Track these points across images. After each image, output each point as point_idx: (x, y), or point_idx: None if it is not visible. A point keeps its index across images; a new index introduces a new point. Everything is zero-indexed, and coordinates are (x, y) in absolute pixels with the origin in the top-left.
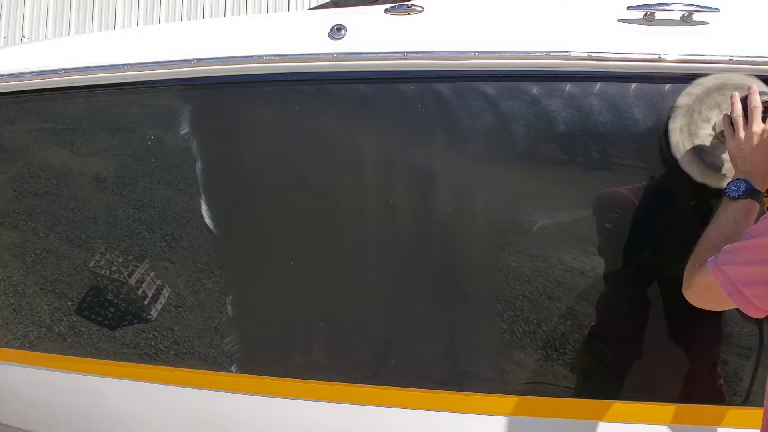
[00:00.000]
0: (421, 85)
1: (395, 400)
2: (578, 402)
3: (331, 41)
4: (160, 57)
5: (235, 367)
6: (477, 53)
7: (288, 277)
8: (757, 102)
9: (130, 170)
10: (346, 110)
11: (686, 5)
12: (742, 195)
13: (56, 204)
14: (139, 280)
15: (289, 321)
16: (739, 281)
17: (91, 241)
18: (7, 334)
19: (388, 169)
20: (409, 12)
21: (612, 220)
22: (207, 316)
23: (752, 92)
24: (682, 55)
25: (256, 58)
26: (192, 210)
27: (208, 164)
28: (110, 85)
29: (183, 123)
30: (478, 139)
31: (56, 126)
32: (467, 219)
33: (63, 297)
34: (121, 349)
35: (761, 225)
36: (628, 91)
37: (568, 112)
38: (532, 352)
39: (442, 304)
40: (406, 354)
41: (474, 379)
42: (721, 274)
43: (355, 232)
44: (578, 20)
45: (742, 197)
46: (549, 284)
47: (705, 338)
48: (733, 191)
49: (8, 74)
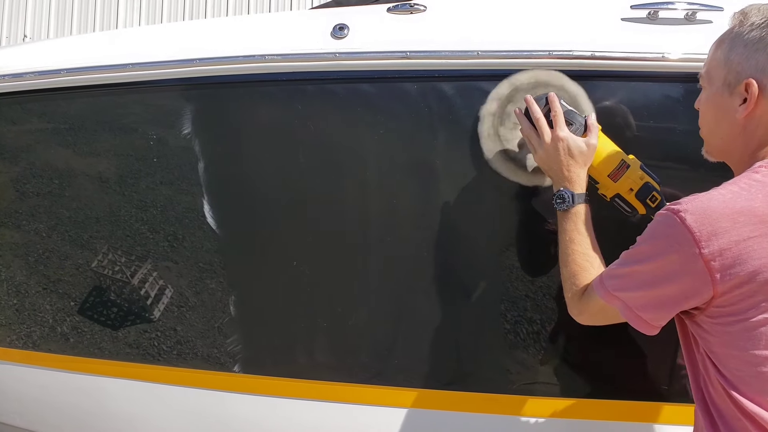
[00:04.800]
0: (424, 85)
1: (396, 400)
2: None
3: (334, 40)
4: (162, 57)
5: (239, 367)
6: (480, 52)
7: (291, 277)
8: (536, 113)
9: (133, 170)
10: (349, 110)
11: (690, 4)
12: (570, 205)
13: (58, 204)
14: (141, 280)
15: (291, 321)
16: (636, 306)
17: (94, 241)
18: (10, 334)
19: (390, 168)
20: (411, 11)
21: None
22: (210, 316)
23: (528, 103)
24: (685, 54)
25: (258, 58)
26: (194, 210)
27: (211, 164)
28: (112, 84)
29: (185, 123)
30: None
31: (58, 126)
32: (469, 219)
33: (66, 297)
34: (124, 349)
35: (645, 248)
36: (631, 90)
37: None
38: (535, 352)
39: (443, 304)
40: (408, 354)
41: (474, 379)
42: (617, 301)
43: (357, 232)
44: (581, 19)
45: (570, 207)
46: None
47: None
48: (560, 205)
49: (10, 74)
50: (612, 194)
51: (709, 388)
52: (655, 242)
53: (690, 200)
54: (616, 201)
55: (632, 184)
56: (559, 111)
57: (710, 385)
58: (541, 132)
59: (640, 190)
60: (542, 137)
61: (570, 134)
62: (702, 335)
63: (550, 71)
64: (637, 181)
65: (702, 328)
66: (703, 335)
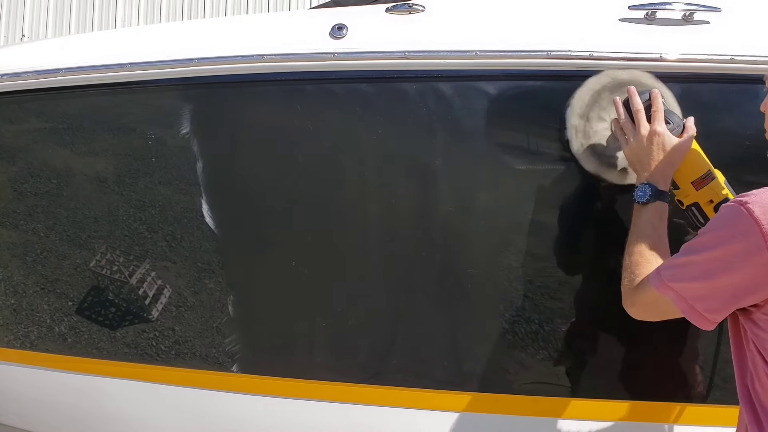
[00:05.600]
0: (422, 85)
1: (395, 400)
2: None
3: (332, 40)
4: (160, 56)
5: (237, 366)
6: (478, 53)
7: (289, 277)
8: (638, 105)
9: (131, 170)
10: (347, 109)
11: (687, 4)
12: (649, 199)
13: (57, 204)
14: (140, 280)
15: (290, 321)
16: (690, 297)
17: (92, 241)
18: (8, 335)
19: (389, 168)
20: (410, 11)
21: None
22: (208, 315)
23: (631, 95)
24: (683, 55)
25: (257, 58)
26: (193, 210)
27: (209, 164)
28: (110, 84)
29: (183, 122)
30: (479, 139)
31: (57, 125)
32: (468, 218)
33: (64, 297)
34: (122, 349)
35: (706, 239)
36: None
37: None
38: (534, 353)
39: (443, 304)
40: (407, 354)
41: (475, 379)
42: (671, 291)
43: (356, 232)
44: (579, 19)
45: (650, 201)
46: (552, 284)
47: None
48: (641, 197)
49: (8, 74)
50: (690, 202)
51: (756, 386)
52: (717, 233)
53: (758, 193)
54: (691, 210)
55: (713, 196)
56: (660, 107)
57: (758, 382)
58: (639, 124)
59: (719, 204)
60: (639, 129)
61: (668, 131)
62: (756, 332)
63: (644, 73)
64: (719, 194)
65: (757, 325)
66: (757, 332)
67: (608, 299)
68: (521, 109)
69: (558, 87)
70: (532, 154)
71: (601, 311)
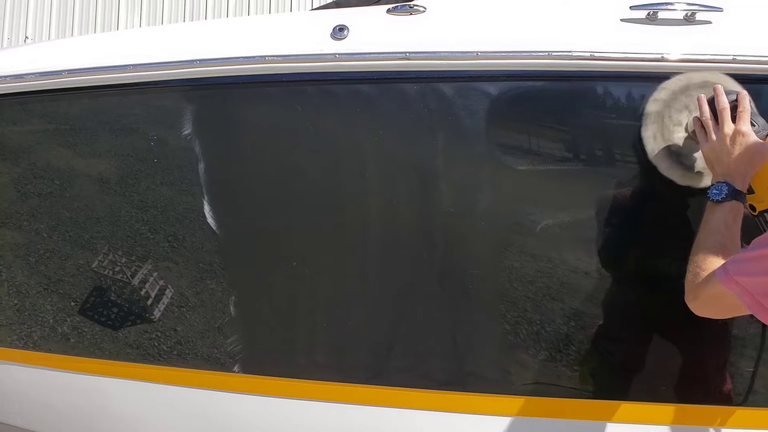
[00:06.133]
0: (424, 86)
1: (395, 400)
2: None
3: (334, 41)
4: (163, 57)
5: (239, 367)
6: (479, 53)
7: (291, 278)
8: (724, 103)
9: (133, 171)
10: (349, 110)
11: (689, 5)
12: (725, 198)
13: (59, 204)
14: (142, 281)
15: (291, 321)
16: (757, 292)
17: (95, 242)
18: (11, 335)
19: (390, 169)
20: (411, 12)
21: (612, 222)
22: (210, 316)
23: (718, 93)
24: (685, 55)
25: (258, 59)
26: (195, 211)
27: (211, 165)
28: (113, 85)
29: (186, 123)
30: (481, 139)
31: (60, 127)
32: (470, 220)
33: (66, 297)
34: (125, 349)
35: None
36: (631, 91)
37: (571, 111)
38: (536, 353)
39: (443, 304)
40: (407, 354)
41: (475, 379)
42: (736, 286)
43: (357, 233)
44: (581, 20)
45: (725, 200)
46: (553, 285)
47: (712, 338)
48: (716, 195)
49: (12, 75)
50: (764, 208)
51: None
52: None
53: None
54: (764, 216)
55: None
56: (748, 108)
57: None
58: (723, 122)
59: None
60: (722, 127)
61: (752, 133)
62: None
63: (721, 74)
64: None
65: None
66: None
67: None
68: (523, 110)
69: (560, 87)
70: (534, 154)
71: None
